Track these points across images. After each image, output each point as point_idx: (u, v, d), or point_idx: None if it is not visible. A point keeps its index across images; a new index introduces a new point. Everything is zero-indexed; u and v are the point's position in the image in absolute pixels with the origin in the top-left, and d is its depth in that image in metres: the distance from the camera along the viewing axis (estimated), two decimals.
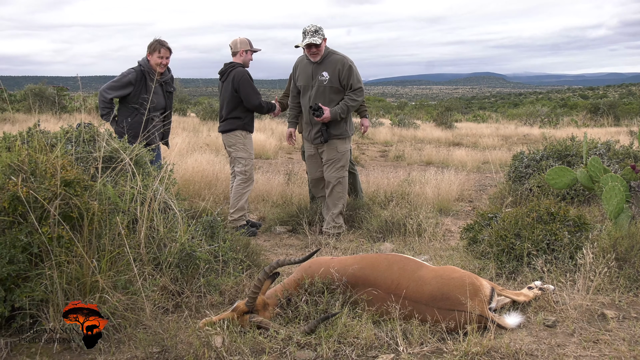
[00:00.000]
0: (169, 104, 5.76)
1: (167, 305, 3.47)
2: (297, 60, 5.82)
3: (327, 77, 5.51)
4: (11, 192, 2.93)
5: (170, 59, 5.60)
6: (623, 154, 6.97)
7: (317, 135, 5.62)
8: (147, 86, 5.45)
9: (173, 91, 5.83)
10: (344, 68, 5.49)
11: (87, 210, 3.12)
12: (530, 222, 4.18)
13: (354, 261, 3.50)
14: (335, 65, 5.50)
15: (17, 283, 2.97)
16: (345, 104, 5.53)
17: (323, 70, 5.52)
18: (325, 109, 5.44)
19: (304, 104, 5.70)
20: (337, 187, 5.70)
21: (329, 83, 5.51)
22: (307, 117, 5.67)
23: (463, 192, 7.82)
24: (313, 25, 5.41)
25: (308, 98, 5.62)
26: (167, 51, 5.51)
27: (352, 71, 5.52)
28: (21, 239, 2.93)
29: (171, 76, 5.77)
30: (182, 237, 3.70)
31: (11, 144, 3.62)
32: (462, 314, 3.10)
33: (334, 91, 5.54)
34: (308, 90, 5.63)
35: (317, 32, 5.38)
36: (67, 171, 3.15)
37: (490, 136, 17.18)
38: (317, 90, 5.54)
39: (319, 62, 5.53)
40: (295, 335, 3.04)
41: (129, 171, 3.78)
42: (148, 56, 5.54)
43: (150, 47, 5.52)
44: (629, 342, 3.01)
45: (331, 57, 5.55)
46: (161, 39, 5.55)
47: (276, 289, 3.44)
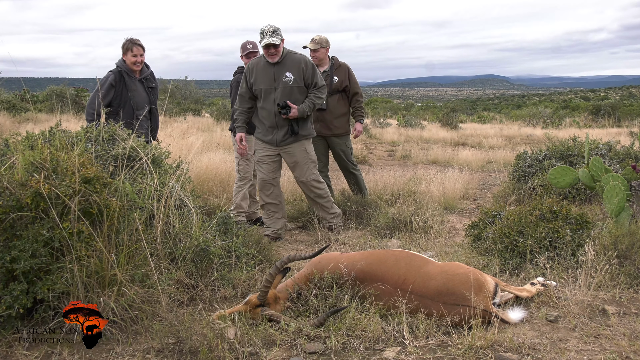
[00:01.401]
0: (152, 100, 5.65)
1: (182, 298, 3.48)
2: (251, 64, 5.37)
3: (291, 78, 5.23)
4: (34, 188, 2.95)
5: (144, 56, 5.50)
6: (624, 154, 6.91)
7: (285, 137, 5.33)
8: (126, 86, 5.41)
9: (155, 87, 5.71)
10: (307, 67, 5.27)
11: (106, 206, 3.13)
12: (533, 220, 4.15)
13: (362, 257, 3.50)
14: (299, 65, 5.24)
15: (39, 276, 2.99)
16: (311, 102, 5.29)
17: (286, 70, 5.23)
18: (293, 107, 5.19)
19: (267, 107, 5.31)
20: (316, 184, 5.48)
21: (294, 83, 5.23)
22: (272, 120, 5.32)
23: (468, 191, 7.78)
24: (271, 25, 5.12)
25: (272, 100, 5.26)
26: (139, 49, 5.42)
27: (315, 69, 5.33)
28: (43, 234, 2.94)
29: (150, 72, 5.67)
30: (197, 233, 3.71)
31: (34, 143, 3.64)
32: (467, 308, 3.09)
33: (299, 91, 5.28)
34: (271, 92, 5.26)
35: (276, 32, 5.08)
36: (87, 169, 3.16)
37: (494, 136, 17.09)
38: (283, 92, 5.22)
39: (279, 63, 5.23)
40: (305, 328, 3.05)
41: (146, 169, 3.79)
42: (123, 56, 5.47)
43: (124, 47, 5.45)
44: (629, 337, 2.99)
45: (291, 56, 5.28)
46: (133, 37, 5.48)
47: (287, 283, 3.44)
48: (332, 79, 6.22)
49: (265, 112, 5.34)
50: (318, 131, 6.11)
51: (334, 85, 6.23)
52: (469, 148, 14.15)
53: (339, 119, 6.27)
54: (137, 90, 5.46)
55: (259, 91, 5.31)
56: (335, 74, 6.26)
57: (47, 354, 2.86)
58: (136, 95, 5.43)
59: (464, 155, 12.07)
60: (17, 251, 2.89)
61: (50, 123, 12.37)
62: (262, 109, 5.35)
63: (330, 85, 6.20)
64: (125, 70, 5.43)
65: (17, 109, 17.47)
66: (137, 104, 5.45)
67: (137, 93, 5.45)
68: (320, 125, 6.19)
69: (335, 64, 6.31)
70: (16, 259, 2.88)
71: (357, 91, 6.39)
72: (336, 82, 6.24)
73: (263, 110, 5.36)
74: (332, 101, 6.21)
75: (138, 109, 5.44)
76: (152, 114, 5.65)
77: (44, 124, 14.55)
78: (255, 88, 5.32)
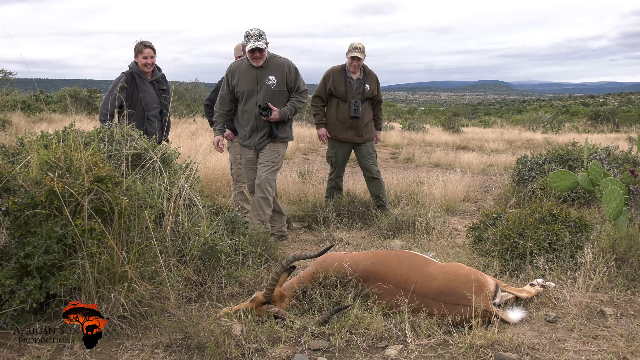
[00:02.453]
0: (163, 102, 5.62)
1: (191, 295, 3.48)
2: (233, 66, 5.21)
3: (274, 81, 5.09)
4: (48, 187, 2.96)
5: (155, 58, 5.49)
6: (622, 159, 6.89)
7: (261, 139, 5.17)
8: (137, 87, 5.41)
9: (166, 89, 5.67)
10: (291, 71, 5.14)
11: (117, 204, 3.14)
12: (533, 222, 4.14)
13: (365, 257, 3.49)
14: (282, 69, 5.11)
15: (52, 272, 3.00)
16: (293, 106, 5.17)
17: (269, 74, 5.09)
18: (274, 109, 5.03)
19: (248, 110, 5.17)
20: (269, 187, 5.16)
21: (277, 87, 5.10)
22: (252, 122, 5.16)
23: (469, 193, 7.76)
24: (256, 29, 4.95)
25: (254, 103, 5.11)
26: (150, 51, 5.41)
27: (298, 73, 5.19)
28: (56, 231, 2.95)
29: (162, 75, 5.65)
30: (205, 232, 3.71)
31: (48, 143, 3.66)
32: (468, 308, 3.08)
33: (282, 95, 5.14)
34: (253, 95, 5.12)
35: (261, 35, 4.93)
36: (99, 168, 3.17)
37: (495, 140, 17.04)
38: (265, 95, 5.08)
39: (262, 66, 5.07)
40: (310, 325, 3.04)
41: (156, 169, 3.80)
42: (135, 58, 5.47)
43: (135, 49, 5.45)
44: (626, 338, 2.97)
45: (275, 60, 5.13)
46: (144, 40, 5.46)
47: (292, 281, 3.44)
48: (365, 87, 6.12)
49: (246, 114, 5.20)
50: (350, 139, 6.11)
51: (366, 93, 6.13)
52: (471, 151, 14.12)
53: (368, 125, 6.20)
54: (148, 92, 5.46)
55: (240, 93, 5.17)
56: (366, 82, 6.15)
57: (59, 347, 2.87)
58: (147, 96, 5.43)
59: (466, 158, 12.04)
60: (31, 247, 2.90)
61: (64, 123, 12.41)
62: (244, 111, 5.21)
63: (363, 93, 6.10)
64: (136, 71, 5.44)
65: (32, 109, 17.54)
66: (148, 105, 5.45)
67: (147, 94, 5.45)
68: (353, 132, 6.10)
69: (367, 72, 6.19)
70: (30, 254, 2.90)
71: (381, 99, 6.37)
72: (368, 90, 6.14)
73: (244, 113, 5.21)
74: (362, 108, 6.11)
75: (148, 110, 5.44)
76: (162, 115, 5.64)
77: (57, 123, 14.61)
78: (237, 90, 5.17)
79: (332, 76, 6.10)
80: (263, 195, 5.12)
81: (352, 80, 6.06)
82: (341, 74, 6.09)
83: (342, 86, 6.04)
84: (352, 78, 6.06)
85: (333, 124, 6.13)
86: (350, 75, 6.06)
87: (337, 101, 6.08)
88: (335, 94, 6.08)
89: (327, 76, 6.14)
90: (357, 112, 5.99)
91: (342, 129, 6.09)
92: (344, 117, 6.05)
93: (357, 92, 6.07)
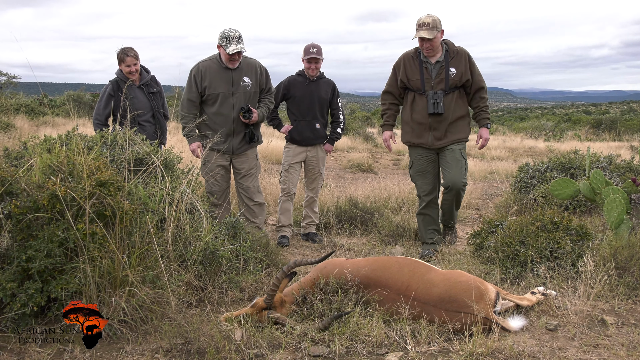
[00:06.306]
0: (154, 105, 5.55)
1: (191, 300, 3.48)
2: (202, 67, 4.93)
3: (249, 83, 4.98)
4: (50, 190, 2.97)
5: (139, 63, 5.44)
6: (624, 167, 6.88)
7: (241, 144, 5.05)
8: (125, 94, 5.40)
9: (157, 91, 5.61)
10: (262, 72, 5.08)
11: (119, 209, 3.15)
12: (534, 230, 4.13)
13: (366, 263, 3.49)
14: (255, 70, 5.03)
15: (54, 275, 3.00)
16: (266, 107, 5.14)
17: (244, 75, 4.96)
18: (254, 111, 4.94)
19: (224, 112, 4.94)
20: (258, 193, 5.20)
21: (252, 88, 5.00)
22: (229, 126, 4.97)
23: (470, 200, 7.76)
24: (235, 30, 4.75)
25: (231, 105, 4.93)
26: (132, 59, 5.35)
27: (268, 73, 5.14)
28: (58, 235, 2.96)
29: (151, 77, 5.60)
30: (207, 237, 3.71)
31: (51, 146, 3.67)
32: (468, 316, 3.07)
33: (256, 96, 5.07)
34: (228, 97, 4.93)
35: (241, 37, 4.77)
36: (102, 172, 3.17)
37: (497, 148, 17.03)
38: (243, 97, 4.96)
39: (237, 68, 4.94)
40: (310, 331, 3.04)
41: (158, 173, 3.81)
42: (119, 66, 5.44)
43: (118, 58, 5.41)
44: (628, 347, 2.96)
45: (246, 61, 5.02)
46: (125, 47, 5.40)
47: (293, 287, 3.44)
48: (448, 72, 4.66)
49: (221, 118, 4.96)
50: (430, 144, 4.84)
51: (452, 79, 4.68)
52: (473, 158, 14.10)
53: (456, 123, 4.82)
54: (136, 97, 5.40)
55: (214, 96, 4.94)
56: (451, 65, 4.69)
57: (59, 351, 2.87)
58: (136, 102, 5.35)
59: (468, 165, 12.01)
60: (33, 251, 2.91)
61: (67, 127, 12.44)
62: (218, 114, 4.97)
63: (447, 80, 4.67)
64: (122, 79, 5.39)
65: (36, 112, 17.59)
66: (138, 109, 5.36)
67: (137, 100, 5.38)
68: (432, 135, 4.80)
69: (450, 50, 4.73)
70: (32, 258, 2.90)
71: (482, 85, 4.80)
72: (454, 75, 4.67)
73: (218, 116, 4.97)
74: (446, 101, 4.71)
75: (139, 115, 5.37)
76: (155, 118, 5.57)
77: (61, 127, 14.65)
78: (209, 92, 4.93)
79: (403, 64, 4.82)
80: (259, 201, 5.19)
81: (429, 65, 4.71)
82: (415, 59, 4.76)
83: (417, 74, 4.72)
84: (429, 62, 4.71)
85: (407, 125, 4.93)
86: (426, 59, 4.72)
87: (414, 95, 4.80)
88: (409, 86, 4.80)
89: (397, 65, 4.89)
90: (437, 106, 4.65)
91: (420, 130, 4.83)
92: (421, 116, 4.77)
93: (439, 79, 4.69)
